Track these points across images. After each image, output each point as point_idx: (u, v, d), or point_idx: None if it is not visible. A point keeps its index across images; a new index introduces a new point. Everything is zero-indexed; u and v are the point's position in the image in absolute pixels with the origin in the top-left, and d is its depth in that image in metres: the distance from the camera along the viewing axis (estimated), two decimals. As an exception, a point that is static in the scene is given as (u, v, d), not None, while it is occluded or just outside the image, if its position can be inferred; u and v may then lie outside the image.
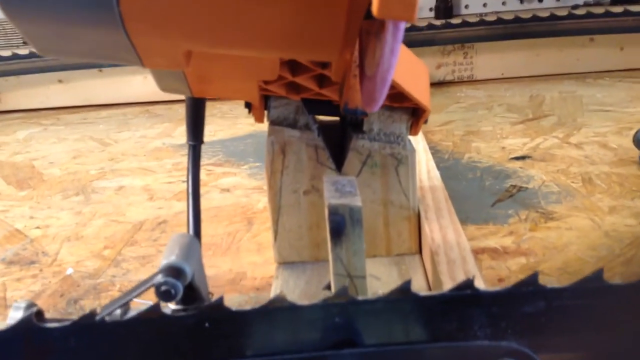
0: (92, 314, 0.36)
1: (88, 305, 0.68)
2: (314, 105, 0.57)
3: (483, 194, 0.89)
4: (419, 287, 0.55)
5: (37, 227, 0.89)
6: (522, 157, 1.02)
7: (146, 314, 0.35)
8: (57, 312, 0.67)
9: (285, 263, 0.61)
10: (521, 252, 0.72)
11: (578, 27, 1.50)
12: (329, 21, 0.29)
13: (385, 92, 0.30)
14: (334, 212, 0.44)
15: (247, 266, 0.74)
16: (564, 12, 1.49)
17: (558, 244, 0.73)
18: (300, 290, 0.56)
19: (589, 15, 1.48)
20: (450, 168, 1.00)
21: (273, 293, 0.57)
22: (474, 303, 0.36)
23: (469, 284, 0.36)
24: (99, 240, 0.84)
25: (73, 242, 0.84)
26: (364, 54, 0.35)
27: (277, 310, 0.36)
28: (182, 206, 0.93)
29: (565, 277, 0.66)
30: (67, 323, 0.36)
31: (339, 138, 0.62)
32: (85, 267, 0.77)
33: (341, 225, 0.45)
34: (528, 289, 0.35)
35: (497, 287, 0.36)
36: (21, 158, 1.24)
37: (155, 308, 0.35)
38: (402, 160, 0.57)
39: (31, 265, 0.78)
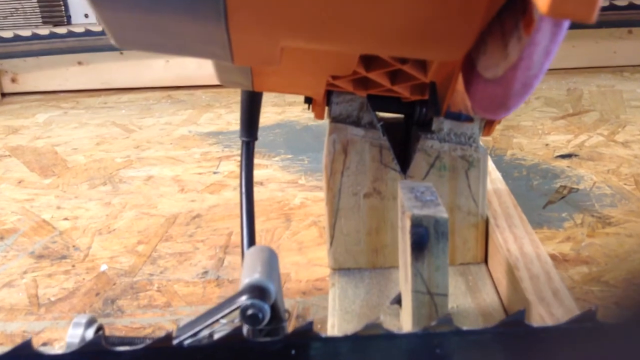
0: (168, 337, 0.32)
1: (126, 305, 0.64)
2: (380, 102, 0.53)
3: (532, 195, 0.85)
4: (490, 301, 0.51)
5: (66, 219, 0.86)
6: (569, 155, 0.98)
7: (228, 339, 0.32)
8: (95, 313, 0.63)
9: (340, 269, 0.57)
10: (582, 260, 0.68)
11: (617, 18, 1.45)
12: (466, 16, 0.25)
13: (524, 98, 0.26)
14: (418, 223, 0.41)
15: (290, 267, 0.71)
16: (604, 3, 1.43)
17: (620, 252, 0.69)
18: (361, 300, 0.52)
19: (631, 6, 1.42)
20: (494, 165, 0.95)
21: (331, 302, 0.53)
22: (595, 336, 0.32)
23: (590, 315, 0.32)
24: (131, 234, 0.80)
25: (105, 235, 0.80)
26: (480, 54, 0.31)
27: (371, 338, 0.33)
28: (215, 199, 0.89)
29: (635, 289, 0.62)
30: (140, 346, 0.32)
31: (403, 137, 0.58)
32: (119, 263, 0.73)
33: (424, 238, 0.41)
34: (657, 323, 0.31)
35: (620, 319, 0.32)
36: (42, 143, 1.21)
37: (237, 332, 0.32)
38: (473, 163, 0.53)
39: (62, 260, 0.75)
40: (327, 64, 0.42)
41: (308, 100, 0.54)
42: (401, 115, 0.57)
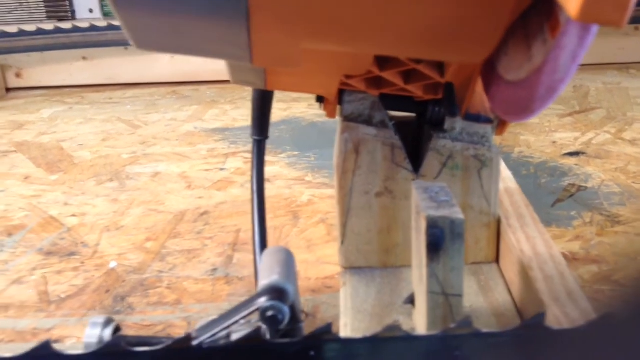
0: (188, 337, 0.32)
1: (136, 303, 0.64)
2: (392, 101, 0.53)
3: (540, 193, 0.85)
4: (503, 300, 0.51)
5: (73, 215, 0.86)
6: (576, 153, 0.98)
7: (247, 341, 0.32)
8: (105, 311, 0.63)
9: (351, 268, 0.57)
10: (592, 259, 0.68)
11: (624, 15, 1.44)
12: (491, 18, 0.25)
13: (549, 103, 0.26)
14: (434, 225, 0.40)
15: (299, 265, 0.71)
16: None
17: (629, 251, 0.69)
18: (373, 299, 0.52)
19: (638, 2, 1.42)
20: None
21: (343, 301, 0.53)
22: (614, 337, 0.32)
23: (609, 316, 0.32)
24: (139, 231, 0.80)
25: (113, 232, 0.80)
26: (502, 55, 0.31)
27: (391, 340, 0.33)
28: (222, 196, 0.89)
29: (646, 289, 0.62)
30: (159, 347, 0.32)
31: (415, 136, 0.58)
32: (128, 260, 0.73)
33: (440, 239, 0.41)
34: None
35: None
36: (48, 139, 1.20)
37: (257, 334, 0.32)
38: (486, 163, 0.53)
39: (71, 257, 0.75)
40: (342, 64, 0.42)
41: (320, 99, 0.54)
42: (413, 114, 0.57)
